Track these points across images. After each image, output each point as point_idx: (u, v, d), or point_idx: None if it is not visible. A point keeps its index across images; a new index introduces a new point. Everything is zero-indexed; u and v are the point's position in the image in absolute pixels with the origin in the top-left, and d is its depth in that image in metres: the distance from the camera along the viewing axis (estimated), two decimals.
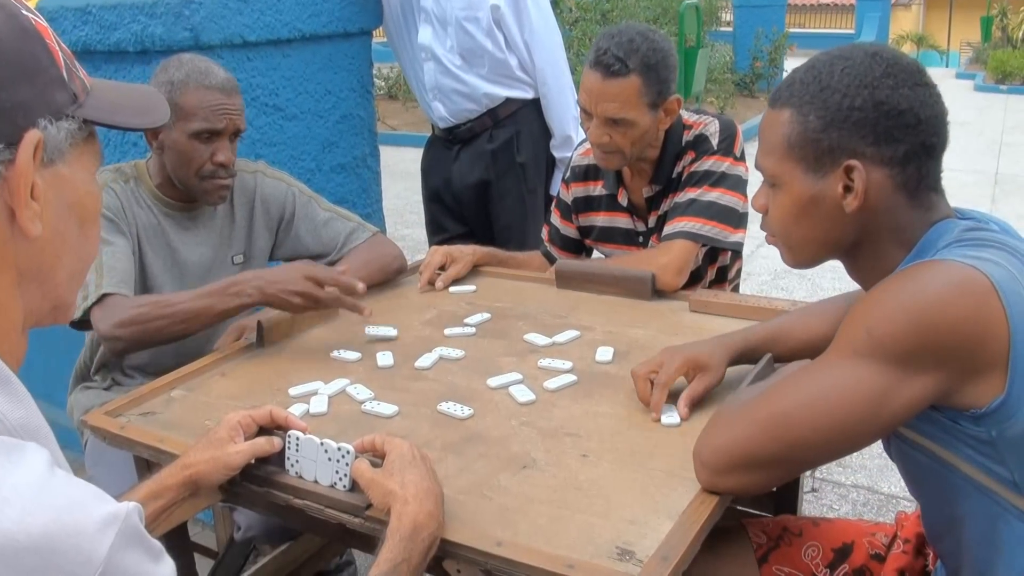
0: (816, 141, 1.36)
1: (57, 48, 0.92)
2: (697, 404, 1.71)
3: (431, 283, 2.46)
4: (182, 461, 1.47)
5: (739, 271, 2.71)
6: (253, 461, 1.49)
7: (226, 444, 1.47)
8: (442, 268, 2.50)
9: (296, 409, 1.74)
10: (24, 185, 0.86)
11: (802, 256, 1.48)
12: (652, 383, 1.71)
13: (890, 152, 1.33)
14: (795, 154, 1.38)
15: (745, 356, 1.77)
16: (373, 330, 2.16)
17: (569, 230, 2.73)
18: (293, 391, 1.85)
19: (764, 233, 1.52)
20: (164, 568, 0.83)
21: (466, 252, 2.56)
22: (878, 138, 1.33)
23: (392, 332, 2.15)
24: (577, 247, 2.76)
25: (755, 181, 2.20)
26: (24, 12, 0.90)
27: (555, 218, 2.75)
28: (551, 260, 2.73)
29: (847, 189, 1.35)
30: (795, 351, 1.75)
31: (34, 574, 0.72)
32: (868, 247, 1.40)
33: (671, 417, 1.67)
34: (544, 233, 2.82)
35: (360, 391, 1.83)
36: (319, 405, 1.79)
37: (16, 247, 0.89)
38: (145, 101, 1.06)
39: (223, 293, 2.04)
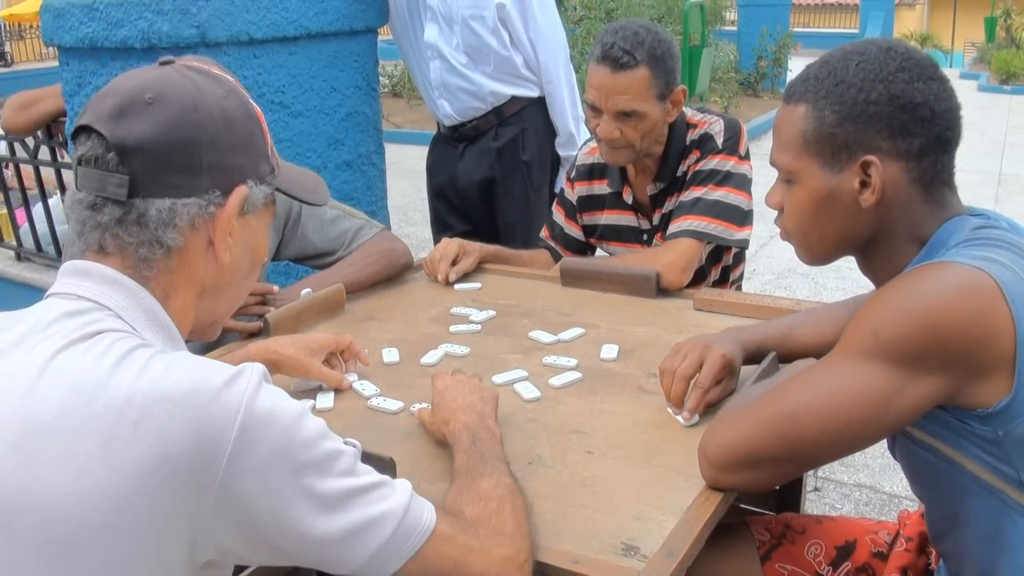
0: (832, 136, 1.36)
1: (267, 132, 1.24)
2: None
3: (446, 280, 2.46)
4: (269, 344, 1.84)
5: (742, 274, 2.71)
6: None
7: (313, 355, 1.83)
8: (454, 261, 2.51)
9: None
10: (227, 224, 1.18)
11: (818, 252, 1.47)
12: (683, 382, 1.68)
13: (906, 146, 1.34)
14: (811, 149, 1.39)
15: (755, 355, 1.77)
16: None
17: (574, 230, 2.73)
18: (297, 386, 1.86)
19: (767, 233, 1.52)
20: (295, 402, 1.08)
21: (474, 247, 2.57)
22: (894, 132, 1.33)
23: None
24: (581, 247, 2.76)
25: (761, 181, 2.20)
26: (250, 101, 1.22)
27: (559, 217, 2.76)
28: (556, 256, 2.73)
29: (863, 184, 1.36)
30: (803, 352, 1.75)
31: (199, 408, 1.00)
32: (882, 243, 1.40)
33: (692, 418, 1.67)
34: (544, 232, 2.82)
35: (366, 387, 1.84)
36: (324, 401, 1.80)
37: (205, 269, 1.20)
38: (313, 183, 1.39)
39: None
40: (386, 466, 1.43)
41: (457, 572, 1.15)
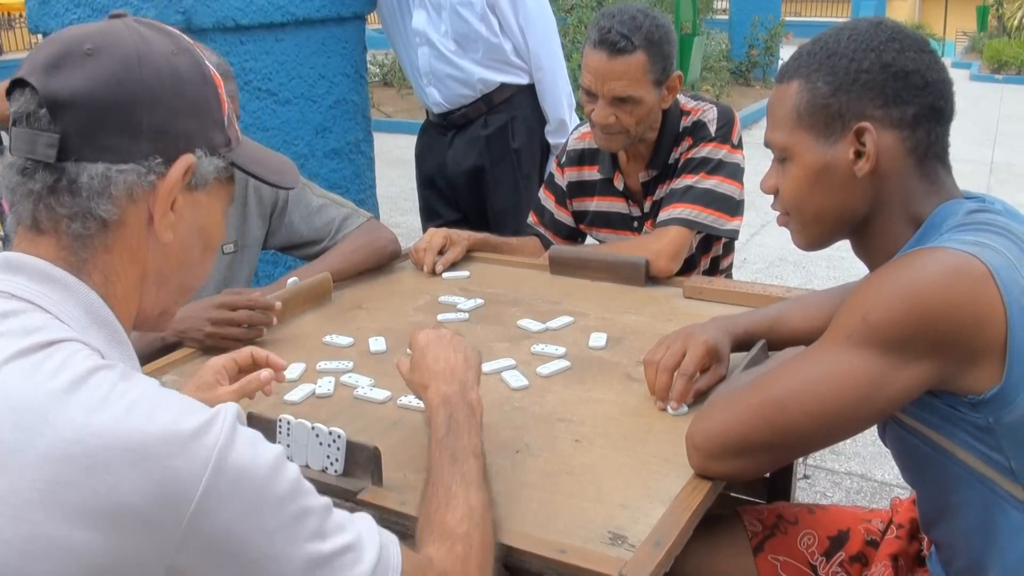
0: (826, 106, 1.36)
1: (225, 99, 1.12)
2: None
3: (432, 270, 2.45)
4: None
5: (731, 264, 2.70)
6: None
7: (214, 387, 1.52)
8: (440, 251, 2.50)
9: (295, 395, 1.74)
10: (167, 196, 1.05)
11: (814, 232, 1.45)
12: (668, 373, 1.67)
13: (899, 114, 1.33)
14: (805, 122, 1.38)
15: (744, 343, 1.76)
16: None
17: (564, 216, 2.72)
18: (286, 374, 1.84)
19: (759, 222, 1.51)
20: (270, 449, 0.97)
21: (462, 236, 2.55)
22: (887, 100, 1.33)
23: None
24: (571, 233, 2.74)
25: (753, 169, 2.19)
26: (206, 62, 1.11)
27: (549, 202, 2.74)
28: (545, 243, 2.71)
29: (858, 155, 1.35)
30: (791, 339, 1.75)
31: (162, 459, 0.88)
32: (878, 221, 1.39)
33: (679, 407, 1.67)
34: (532, 218, 2.80)
35: (359, 380, 1.82)
36: (325, 387, 1.79)
37: (147, 248, 1.08)
38: (281, 164, 1.27)
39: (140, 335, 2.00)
40: (371, 455, 1.42)
41: None
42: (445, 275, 2.45)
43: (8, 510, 0.86)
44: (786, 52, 13.20)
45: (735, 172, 2.40)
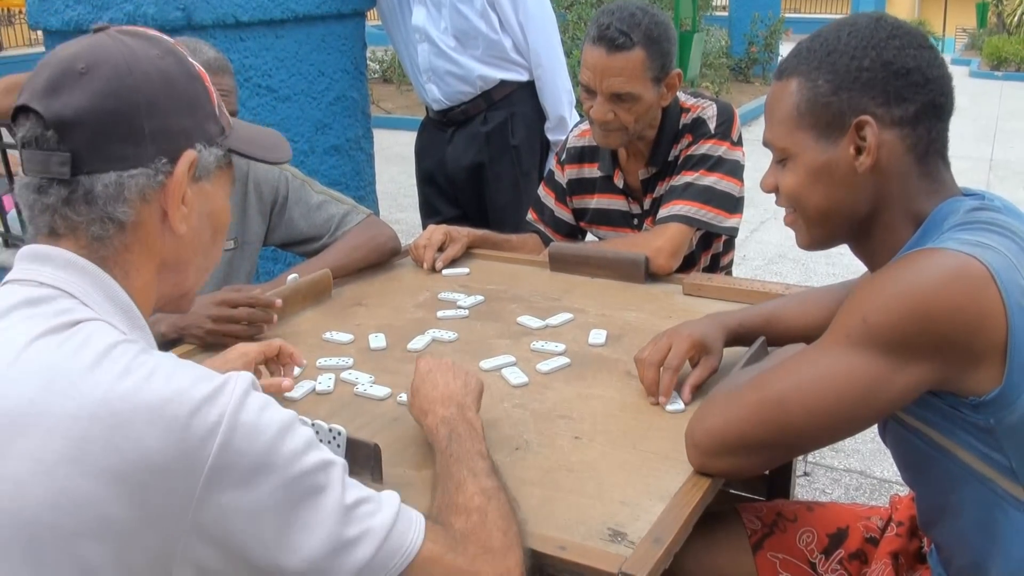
0: (826, 105, 1.35)
1: (212, 90, 1.18)
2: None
3: (432, 267, 2.45)
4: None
5: (732, 261, 2.70)
6: None
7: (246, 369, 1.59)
8: (440, 248, 2.49)
9: (295, 391, 1.74)
10: (178, 192, 1.12)
11: (817, 232, 1.44)
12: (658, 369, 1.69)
13: (900, 112, 1.32)
14: (805, 122, 1.37)
15: (739, 337, 1.76)
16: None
17: (564, 214, 2.71)
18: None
19: (758, 219, 1.51)
20: (281, 412, 1.04)
21: (462, 233, 2.55)
22: (888, 98, 1.32)
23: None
24: (571, 231, 2.74)
25: (753, 167, 2.19)
26: (190, 59, 1.17)
27: (549, 200, 2.73)
28: (545, 240, 2.71)
29: (859, 151, 1.34)
30: (789, 335, 1.74)
31: (180, 419, 0.96)
32: (879, 219, 1.38)
33: (675, 404, 1.67)
34: (531, 215, 2.79)
35: (359, 376, 1.82)
36: (325, 384, 1.79)
37: (164, 241, 1.15)
38: (273, 140, 1.33)
39: None
40: (371, 452, 1.42)
41: None
42: (445, 272, 2.44)
43: (39, 467, 0.93)
44: (786, 49, 13.16)
45: (735, 169, 2.40)
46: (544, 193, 2.75)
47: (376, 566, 1.06)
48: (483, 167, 3.37)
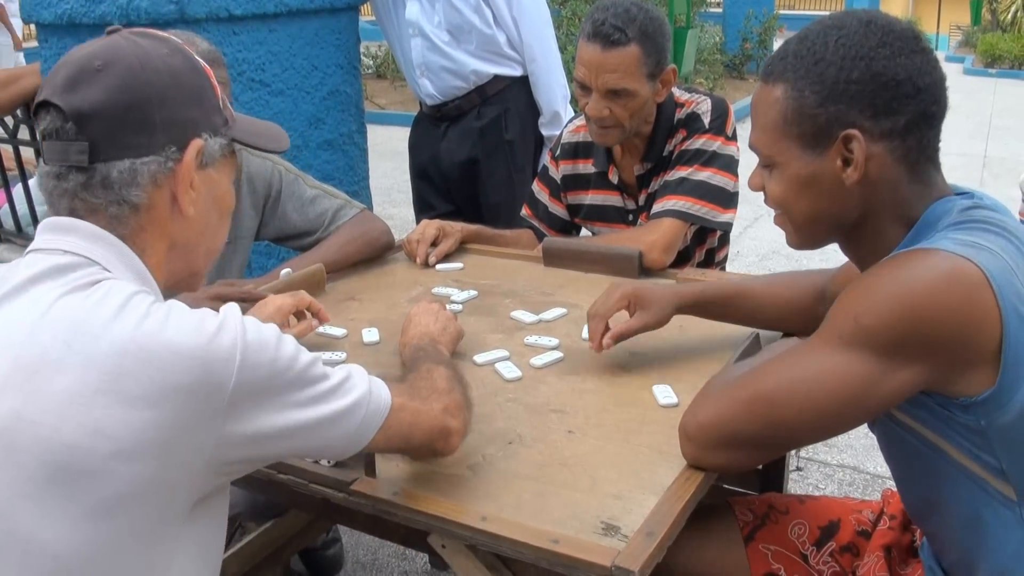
0: (813, 117, 1.33)
1: (217, 85, 1.29)
2: (625, 340, 1.78)
3: (425, 262, 2.44)
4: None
5: (726, 256, 2.70)
6: None
7: (272, 318, 1.82)
8: (434, 243, 2.49)
9: None
10: (186, 177, 1.23)
11: (806, 236, 1.44)
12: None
13: (889, 124, 1.30)
14: (791, 132, 1.35)
15: (698, 307, 1.80)
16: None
17: (558, 209, 2.71)
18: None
19: (752, 215, 1.51)
20: (270, 327, 1.19)
21: (455, 228, 2.55)
22: (877, 111, 1.30)
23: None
24: (565, 226, 2.74)
25: (747, 163, 2.19)
26: (195, 57, 1.28)
27: (543, 195, 2.73)
28: (539, 235, 2.71)
29: (846, 162, 1.32)
30: (754, 313, 1.79)
31: (201, 347, 1.09)
32: (869, 224, 1.37)
33: (668, 397, 1.67)
34: (525, 210, 2.79)
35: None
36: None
37: (174, 222, 1.26)
38: (274, 132, 1.44)
39: None
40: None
41: (412, 431, 1.34)
42: (439, 267, 2.44)
43: (79, 399, 1.05)
44: (779, 45, 13.26)
45: (729, 164, 2.40)
46: (538, 188, 2.75)
47: (366, 424, 1.27)
48: (477, 162, 3.37)
